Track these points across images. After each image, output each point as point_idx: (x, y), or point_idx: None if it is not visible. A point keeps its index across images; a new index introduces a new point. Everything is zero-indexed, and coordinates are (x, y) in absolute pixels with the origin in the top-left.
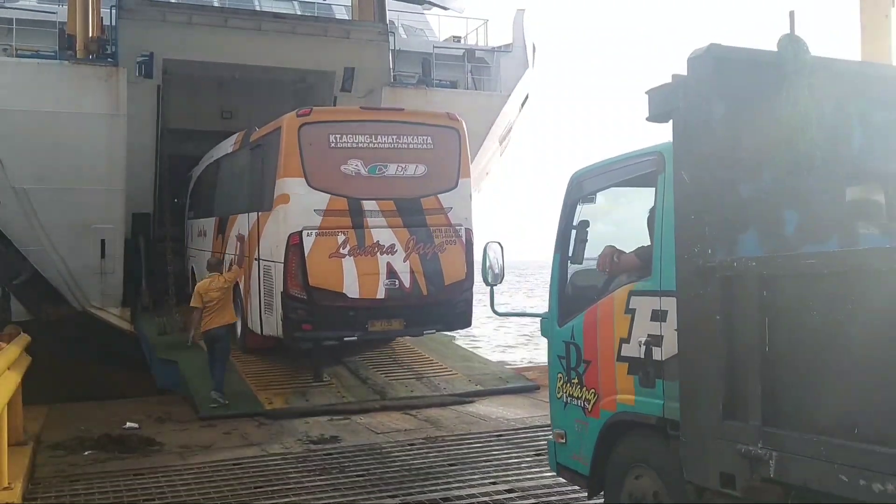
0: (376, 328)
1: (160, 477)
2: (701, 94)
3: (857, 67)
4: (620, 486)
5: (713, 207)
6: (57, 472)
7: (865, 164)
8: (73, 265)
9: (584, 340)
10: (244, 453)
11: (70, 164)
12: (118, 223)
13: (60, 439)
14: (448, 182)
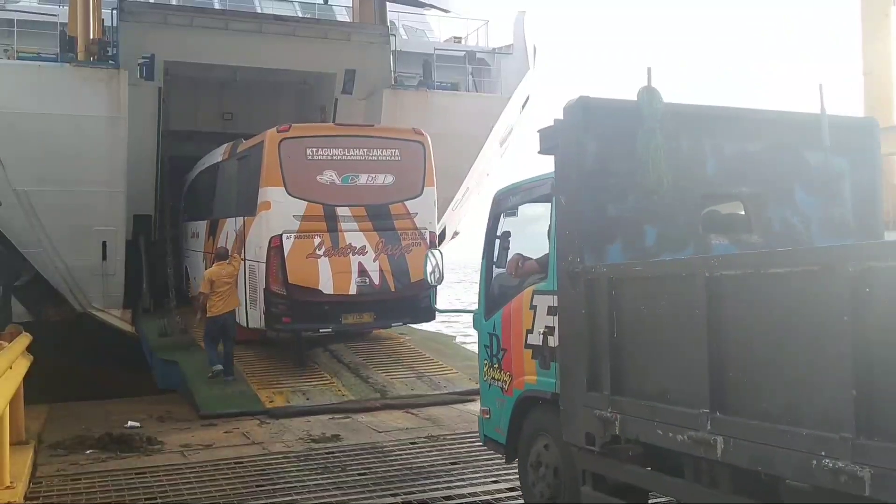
0: (349, 321)
1: (162, 476)
2: (574, 135)
3: (709, 110)
4: (528, 452)
5: (585, 225)
6: (58, 472)
7: (719, 187)
8: (74, 267)
9: (503, 332)
10: (245, 452)
11: (71, 166)
12: (119, 225)
13: (61, 438)
14: (414, 190)
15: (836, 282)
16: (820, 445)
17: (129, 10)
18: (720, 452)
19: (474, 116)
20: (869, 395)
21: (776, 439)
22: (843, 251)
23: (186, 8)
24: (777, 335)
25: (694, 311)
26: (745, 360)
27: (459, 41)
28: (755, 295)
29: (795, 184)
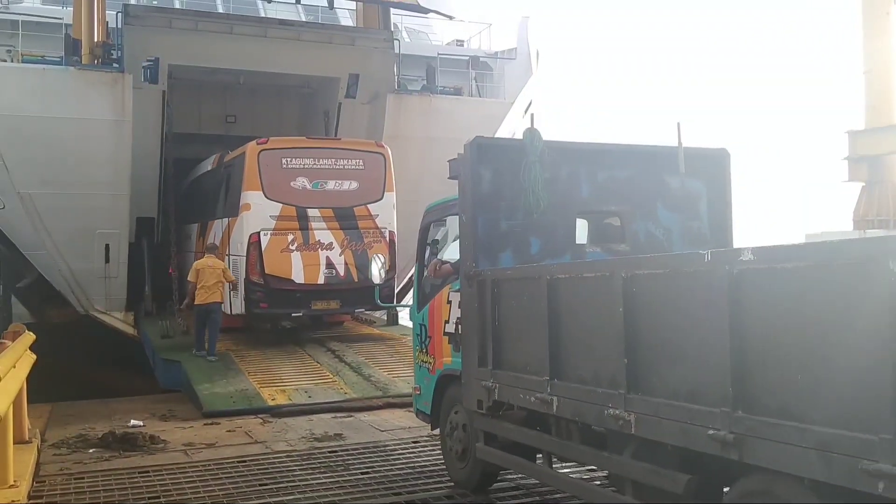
0: (318, 307)
1: (165, 475)
2: (472, 167)
3: (585, 145)
4: (447, 420)
5: (479, 237)
6: (62, 470)
7: (592, 206)
8: (77, 269)
9: (429, 322)
10: (248, 451)
11: (75, 169)
12: (123, 228)
13: (65, 437)
14: (375, 195)
15: (612, 283)
16: (607, 399)
17: (134, 13)
18: (555, 408)
19: (477, 121)
20: (634, 364)
21: (585, 396)
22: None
23: (191, 12)
24: (588, 322)
25: (540, 304)
26: (573, 340)
27: (462, 44)
28: (578, 292)
29: (658, 203)
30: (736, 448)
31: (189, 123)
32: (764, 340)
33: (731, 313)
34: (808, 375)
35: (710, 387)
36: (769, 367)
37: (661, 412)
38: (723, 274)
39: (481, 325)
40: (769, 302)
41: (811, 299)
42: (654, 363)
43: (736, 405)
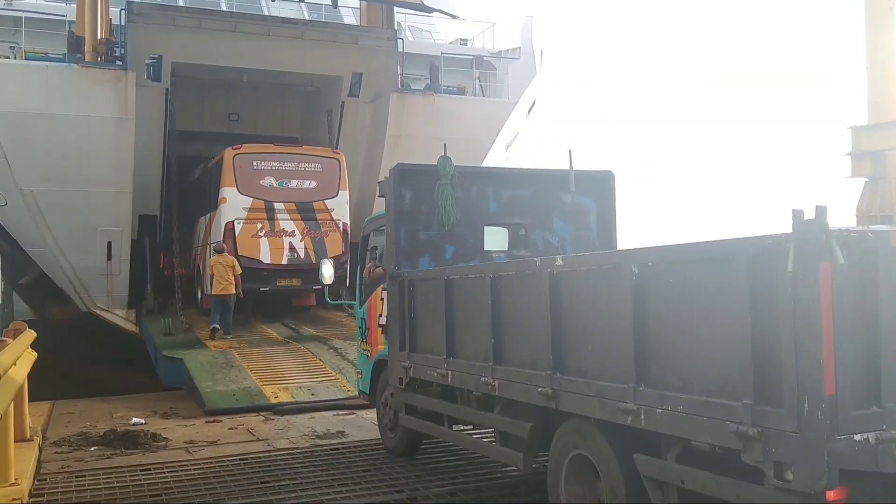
0: (282, 283)
1: (167, 472)
2: (395, 188)
3: (491, 170)
4: (380, 397)
5: (401, 245)
6: (63, 468)
7: (498, 219)
8: (79, 267)
9: (368, 316)
10: (251, 448)
11: (78, 167)
12: (125, 225)
13: (66, 435)
14: (331, 193)
15: (483, 282)
16: (481, 370)
17: (137, 11)
18: (449, 380)
19: (480, 121)
20: (499, 343)
21: (467, 369)
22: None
23: (194, 10)
24: (471, 312)
25: (439, 299)
26: (462, 326)
27: (466, 43)
28: (463, 289)
29: (553, 216)
30: (553, 400)
31: (192, 121)
32: (572, 321)
33: (551, 302)
34: (604, 348)
35: (541, 357)
36: (576, 340)
37: (513, 377)
38: (546, 274)
39: (401, 316)
40: (573, 294)
41: (599, 293)
42: (510, 342)
43: (554, 369)
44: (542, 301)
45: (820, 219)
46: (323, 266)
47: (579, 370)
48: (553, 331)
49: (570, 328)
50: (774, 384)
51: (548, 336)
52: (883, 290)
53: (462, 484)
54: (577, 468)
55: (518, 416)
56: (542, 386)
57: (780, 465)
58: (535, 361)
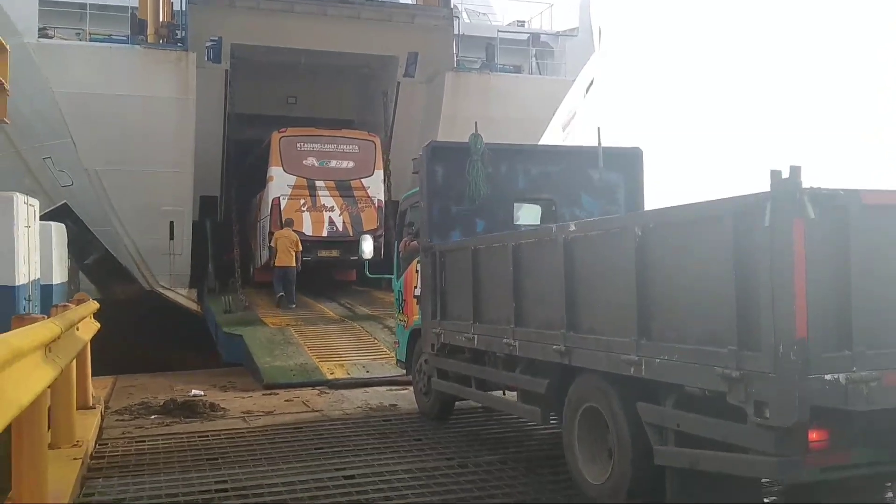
0: (323, 254)
1: (224, 438)
2: (428, 164)
3: (521, 147)
4: (416, 364)
5: (433, 219)
6: (123, 434)
7: (527, 194)
8: (142, 246)
9: (404, 288)
10: (305, 418)
11: (140, 147)
12: (186, 205)
13: (127, 405)
14: (367, 172)
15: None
16: (503, 333)
17: None
18: (476, 343)
19: (536, 100)
20: (519, 307)
21: (491, 332)
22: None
23: None
24: (494, 278)
25: (467, 269)
26: (486, 292)
27: (523, 24)
28: (488, 258)
29: (582, 192)
30: (567, 356)
31: (251, 104)
32: (583, 283)
33: (565, 266)
34: (611, 307)
35: (556, 317)
36: (587, 300)
37: (531, 338)
38: (560, 240)
39: (433, 286)
40: (584, 258)
41: (608, 255)
42: (529, 305)
43: (568, 328)
44: (557, 265)
45: (794, 178)
46: (363, 242)
47: (590, 328)
48: (567, 292)
49: (581, 289)
50: (754, 330)
51: (562, 297)
52: (854, 244)
53: (513, 453)
54: (588, 421)
55: (537, 374)
56: (557, 344)
57: (759, 404)
58: (551, 322)
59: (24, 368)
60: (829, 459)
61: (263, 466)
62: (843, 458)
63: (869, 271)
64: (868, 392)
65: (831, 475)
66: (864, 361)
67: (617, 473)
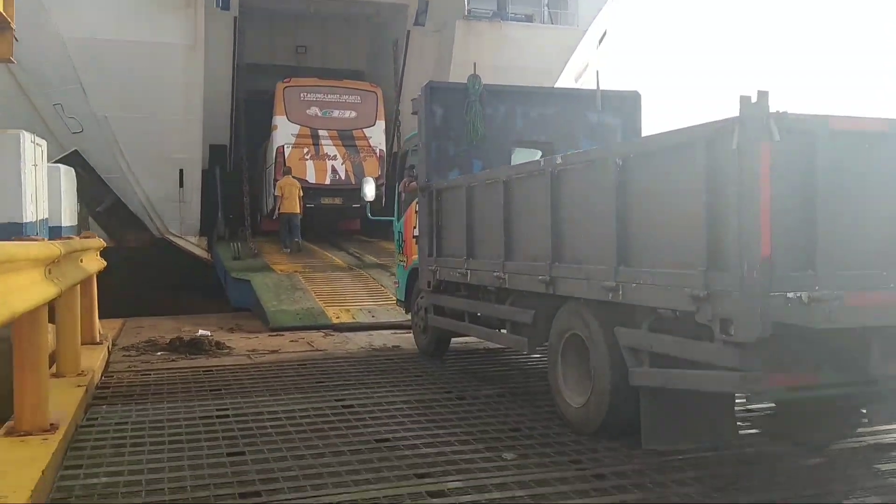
0: (326, 201)
1: (227, 373)
2: (427, 104)
3: (520, 88)
4: (414, 302)
5: (432, 159)
6: (129, 368)
7: (525, 136)
8: (152, 193)
9: (404, 228)
10: (309, 356)
11: (150, 94)
12: (195, 153)
13: (134, 343)
14: (369, 122)
15: (497, 187)
16: (493, 267)
17: None
18: (468, 279)
19: (548, 50)
20: (509, 241)
21: (483, 267)
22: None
23: None
24: (486, 215)
25: (462, 206)
26: (479, 229)
27: None
28: (481, 195)
29: (580, 134)
30: (551, 285)
31: (261, 54)
32: (568, 214)
33: (552, 198)
34: (593, 236)
35: (542, 249)
36: (571, 231)
37: (520, 270)
38: (548, 173)
39: (429, 224)
40: (570, 189)
41: (591, 186)
42: (518, 238)
43: (553, 259)
44: (544, 199)
45: (761, 102)
46: (365, 184)
47: (573, 258)
48: (553, 225)
49: (566, 221)
50: (722, 251)
51: (548, 230)
52: (821, 168)
53: (510, 387)
54: (571, 348)
55: (526, 306)
56: (543, 275)
57: (725, 322)
58: (538, 254)
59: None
60: (795, 380)
61: (265, 396)
62: (811, 379)
63: (835, 195)
64: (830, 311)
65: (798, 395)
66: (827, 281)
67: (595, 396)
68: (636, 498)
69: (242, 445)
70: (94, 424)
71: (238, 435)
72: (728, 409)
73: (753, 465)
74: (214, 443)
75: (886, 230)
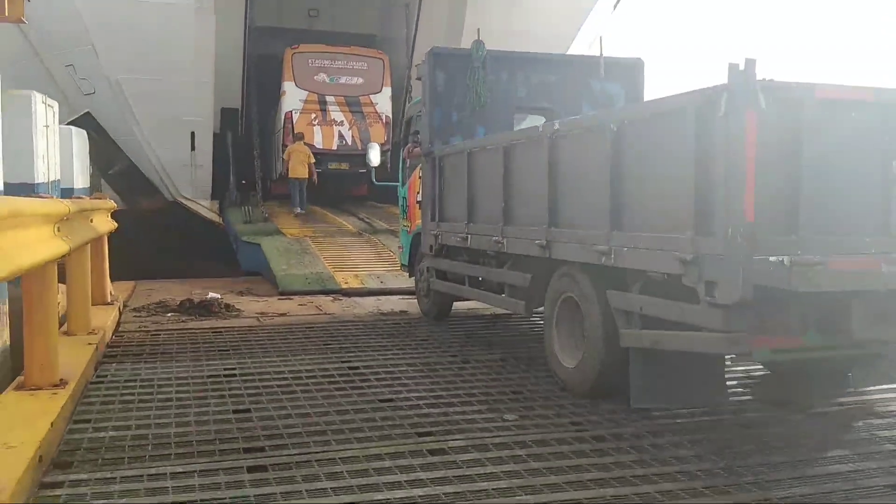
0: (333, 166)
1: (236, 334)
2: (430, 70)
3: (521, 54)
4: (417, 266)
5: (435, 125)
6: (140, 328)
7: (527, 103)
8: (164, 157)
9: (408, 194)
10: (317, 319)
11: (161, 56)
12: (206, 116)
13: (145, 304)
14: (376, 89)
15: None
16: (493, 231)
17: None
18: (469, 243)
19: (562, 14)
20: (508, 206)
21: (483, 231)
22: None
23: None
24: (487, 180)
25: (463, 172)
26: (480, 194)
27: None
28: (482, 160)
29: (582, 101)
30: (547, 249)
31: (272, 17)
32: (564, 179)
33: (549, 163)
34: (587, 201)
35: (540, 213)
36: (567, 196)
37: (518, 235)
38: (546, 139)
39: (432, 189)
40: (566, 155)
41: (586, 152)
42: (517, 204)
43: (550, 223)
44: (542, 164)
45: (749, 70)
46: (371, 150)
47: (568, 222)
48: (549, 190)
49: (562, 186)
50: (709, 216)
51: (545, 195)
52: (807, 136)
53: (514, 352)
54: (566, 310)
55: (521, 268)
56: (539, 239)
57: (709, 284)
58: (535, 218)
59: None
60: (780, 342)
61: (272, 357)
62: (794, 342)
63: (820, 162)
64: (812, 275)
65: (784, 357)
66: (809, 246)
67: (588, 357)
68: (632, 458)
69: (248, 403)
70: (104, 381)
71: (244, 393)
72: (718, 371)
73: (750, 429)
74: (221, 400)
75: (869, 197)
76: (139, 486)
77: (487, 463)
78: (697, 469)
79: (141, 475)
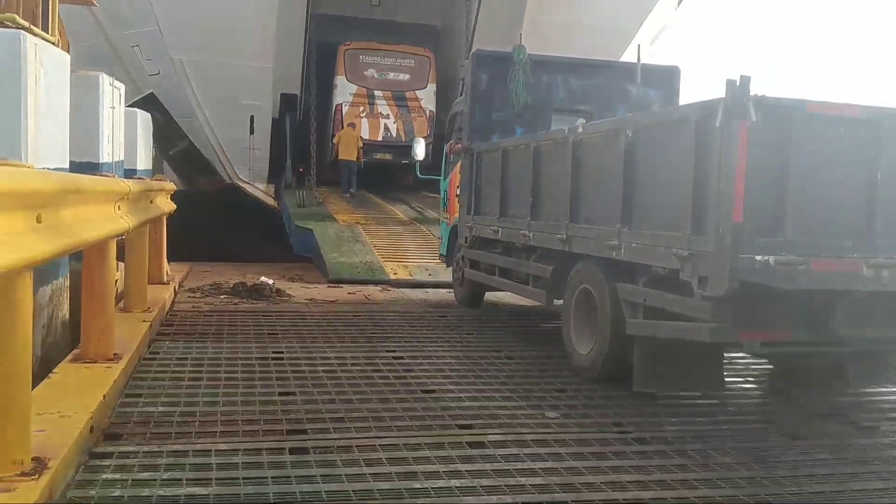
0: (378, 156)
1: (285, 318)
2: (474, 72)
3: (562, 59)
4: (455, 256)
5: (475, 123)
6: (193, 308)
7: (566, 105)
8: (223, 138)
9: (449, 187)
10: (364, 308)
11: (223, 38)
12: (266, 101)
13: (199, 285)
14: (421, 85)
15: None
16: (521, 226)
17: None
18: (500, 236)
19: (624, 7)
20: (536, 202)
21: (512, 225)
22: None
23: None
24: (518, 178)
25: (497, 169)
26: (512, 191)
27: None
28: (516, 159)
29: (619, 105)
30: (567, 244)
31: (334, 5)
32: (585, 179)
33: (572, 164)
34: (603, 200)
35: (562, 210)
36: (586, 195)
37: (543, 229)
38: (570, 141)
39: (469, 184)
40: (587, 156)
41: (605, 154)
42: (543, 200)
43: (571, 219)
44: (566, 164)
45: (743, 85)
46: (416, 145)
47: (587, 219)
48: (572, 188)
49: (583, 185)
50: (703, 217)
51: (567, 193)
52: (796, 147)
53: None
54: (582, 300)
55: (545, 261)
56: (560, 233)
57: (702, 279)
58: (558, 214)
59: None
60: (768, 336)
61: (319, 343)
62: (784, 336)
63: (808, 171)
64: (795, 274)
65: (772, 350)
66: (794, 248)
67: (598, 343)
68: (675, 462)
69: (294, 387)
70: (156, 358)
71: (290, 377)
72: (716, 361)
73: (797, 439)
74: (268, 382)
75: (851, 205)
76: (185, 461)
77: (526, 458)
78: (740, 477)
79: (187, 451)
